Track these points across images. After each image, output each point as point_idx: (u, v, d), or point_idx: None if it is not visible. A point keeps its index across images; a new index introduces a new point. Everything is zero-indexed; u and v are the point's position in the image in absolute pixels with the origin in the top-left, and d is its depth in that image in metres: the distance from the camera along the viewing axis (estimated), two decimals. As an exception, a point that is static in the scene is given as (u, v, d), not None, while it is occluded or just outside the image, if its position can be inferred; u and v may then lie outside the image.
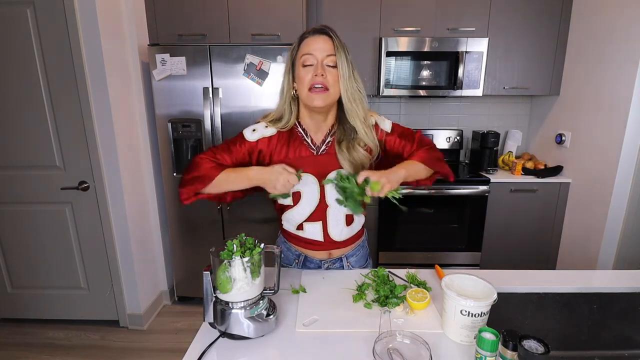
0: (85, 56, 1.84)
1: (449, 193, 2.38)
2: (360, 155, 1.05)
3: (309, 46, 0.98)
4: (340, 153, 1.05)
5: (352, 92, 1.01)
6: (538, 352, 0.66)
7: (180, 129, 2.18)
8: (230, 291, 0.83)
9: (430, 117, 2.90)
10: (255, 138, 1.06)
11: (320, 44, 0.97)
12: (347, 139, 1.06)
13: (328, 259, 1.18)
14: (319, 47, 0.97)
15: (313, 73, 0.97)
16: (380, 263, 2.51)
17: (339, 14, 2.37)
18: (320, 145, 1.08)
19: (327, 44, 0.97)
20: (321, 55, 0.97)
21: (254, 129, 1.07)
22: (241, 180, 1.01)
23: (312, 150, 1.08)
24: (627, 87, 1.98)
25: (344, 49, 0.99)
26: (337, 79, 0.99)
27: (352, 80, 1.00)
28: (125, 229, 2.10)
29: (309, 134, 1.08)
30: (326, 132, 1.09)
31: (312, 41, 0.98)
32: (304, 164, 1.05)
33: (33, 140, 1.96)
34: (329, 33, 0.99)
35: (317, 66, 0.97)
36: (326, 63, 0.98)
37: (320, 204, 1.09)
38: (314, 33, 0.99)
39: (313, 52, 0.97)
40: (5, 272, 2.19)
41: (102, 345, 2.12)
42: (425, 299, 0.96)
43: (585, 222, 2.28)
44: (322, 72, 0.97)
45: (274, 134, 1.07)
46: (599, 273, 1.23)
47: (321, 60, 0.97)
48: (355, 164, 1.05)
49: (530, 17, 2.37)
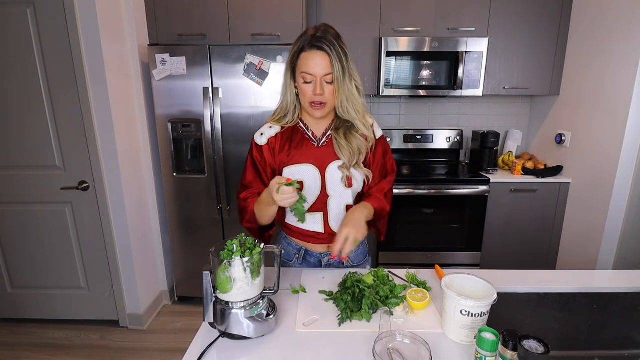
0: (85, 56, 1.84)
1: (449, 193, 2.38)
2: (358, 142, 1.11)
3: (307, 65, 1.00)
4: (339, 139, 1.10)
5: (348, 95, 1.05)
6: (538, 352, 0.66)
7: (180, 129, 2.18)
8: (230, 291, 0.83)
9: (430, 117, 2.90)
10: (265, 141, 1.13)
11: (318, 61, 0.99)
12: (345, 127, 1.12)
13: (328, 252, 1.21)
14: (317, 65, 1.00)
15: (313, 91, 1.02)
16: (380, 263, 2.51)
17: (339, 14, 2.37)
18: (321, 137, 1.14)
19: (325, 61, 1.00)
20: (320, 75, 1.01)
21: (261, 132, 1.14)
22: (264, 208, 1.07)
23: (313, 143, 1.13)
24: (627, 87, 1.98)
25: (340, 60, 1.00)
26: (333, 92, 1.04)
27: (348, 84, 1.04)
28: (125, 229, 2.10)
29: (310, 128, 1.14)
30: (327, 126, 1.15)
31: (310, 59, 1.00)
32: (305, 155, 1.11)
33: (33, 140, 1.96)
34: (325, 48, 0.99)
35: (315, 85, 1.01)
36: (325, 80, 1.02)
37: (321, 194, 1.12)
38: (311, 47, 1.00)
39: (312, 72, 1.00)
40: (5, 272, 2.19)
41: (102, 345, 2.12)
42: (425, 299, 0.96)
43: (585, 222, 2.28)
44: (320, 92, 1.02)
45: (279, 131, 1.13)
46: (599, 273, 1.23)
47: (319, 78, 1.01)
48: (352, 150, 1.10)
49: (530, 17, 2.37)
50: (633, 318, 1.08)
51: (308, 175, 1.10)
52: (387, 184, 1.20)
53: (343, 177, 1.11)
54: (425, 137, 2.81)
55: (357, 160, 1.11)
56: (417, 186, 2.37)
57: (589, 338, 1.09)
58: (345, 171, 1.10)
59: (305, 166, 1.10)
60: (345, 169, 1.10)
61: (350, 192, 1.14)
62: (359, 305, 0.94)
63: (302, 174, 1.10)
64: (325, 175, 1.11)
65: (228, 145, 2.20)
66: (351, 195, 1.15)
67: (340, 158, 1.10)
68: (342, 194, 1.13)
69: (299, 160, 1.11)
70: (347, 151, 1.10)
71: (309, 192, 1.12)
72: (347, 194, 1.14)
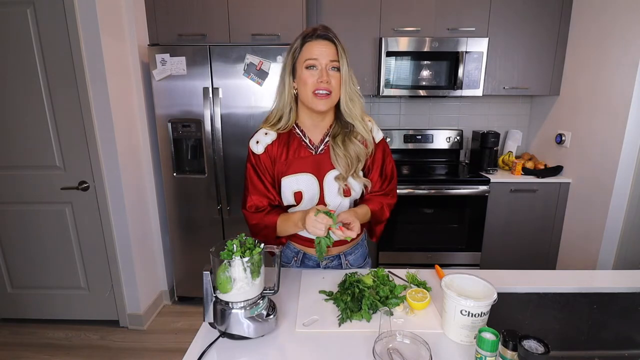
0: (85, 56, 1.84)
1: (449, 193, 2.38)
2: (357, 148, 1.07)
3: (312, 51, 0.98)
4: (336, 147, 1.06)
5: (352, 94, 1.03)
6: (538, 352, 0.66)
7: (180, 129, 2.18)
8: (230, 291, 0.83)
9: (430, 117, 2.90)
10: (262, 149, 1.08)
11: (324, 49, 0.98)
12: (343, 133, 1.08)
13: (326, 256, 1.19)
14: (323, 53, 0.98)
15: (318, 79, 0.98)
16: (380, 263, 2.51)
17: (339, 14, 2.37)
18: (319, 144, 1.10)
19: (331, 49, 0.99)
20: (325, 61, 0.98)
21: (257, 140, 1.09)
22: (291, 227, 1.06)
23: (310, 150, 1.09)
24: (627, 87, 1.98)
25: (345, 54, 1.00)
26: (340, 82, 1.01)
27: (351, 83, 1.03)
28: (125, 228, 2.10)
29: (307, 135, 1.10)
30: (324, 132, 1.11)
31: (316, 46, 0.98)
32: (303, 164, 1.07)
33: (33, 140, 1.96)
34: (333, 39, 0.99)
35: (321, 71, 0.99)
36: (330, 68, 0.99)
37: (319, 202, 1.10)
38: (317, 37, 0.99)
39: (318, 57, 0.98)
40: (5, 272, 2.19)
41: (102, 345, 2.12)
42: (425, 299, 0.96)
43: (585, 222, 2.28)
44: (327, 79, 0.98)
45: (275, 139, 1.09)
46: (599, 273, 1.23)
47: (325, 65, 0.98)
48: (350, 158, 1.06)
49: (530, 17, 2.37)
50: (633, 318, 1.08)
51: (306, 184, 1.08)
52: (392, 199, 1.18)
53: (339, 189, 1.08)
54: (425, 137, 2.81)
55: (355, 169, 1.07)
56: (417, 186, 2.37)
57: (589, 338, 1.09)
58: (341, 183, 1.07)
59: (303, 175, 1.07)
60: (341, 180, 1.07)
61: (348, 202, 1.12)
62: (358, 305, 0.94)
63: (301, 183, 1.07)
64: (323, 184, 1.08)
65: (228, 145, 2.20)
66: (348, 205, 1.13)
67: (336, 168, 1.07)
68: (340, 204, 1.10)
69: (298, 169, 1.07)
70: (344, 161, 1.06)
71: (310, 202, 1.09)
72: (345, 204, 1.11)
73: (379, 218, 1.16)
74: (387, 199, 1.16)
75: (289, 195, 1.09)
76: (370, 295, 0.96)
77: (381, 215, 1.15)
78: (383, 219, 1.17)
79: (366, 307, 0.93)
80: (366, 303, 0.94)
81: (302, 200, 1.09)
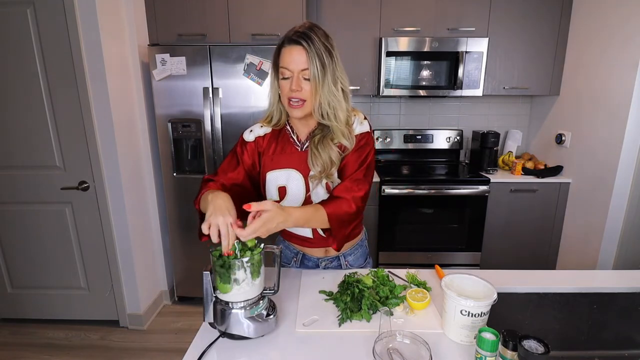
0: (85, 56, 1.84)
1: (449, 193, 2.38)
2: (332, 152, 1.02)
3: (284, 59, 0.97)
4: (313, 148, 1.04)
5: (330, 98, 0.98)
6: (538, 352, 0.66)
7: (180, 129, 2.18)
8: (230, 291, 0.83)
9: (430, 117, 2.90)
10: (252, 138, 1.11)
11: (294, 57, 0.95)
12: (321, 135, 1.05)
13: (325, 257, 1.19)
14: (294, 60, 0.95)
15: (289, 87, 0.97)
16: (380, 263, 2.51)
17: (338, 14, 2.37)
18: (305, 141, 1.09)
19: (301, 55, 0.94)
20: (296, 69, 0.96)
21: (251, 129, 1.13)
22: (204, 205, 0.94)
23: (297, 147, 1.10)
24: (627, 87, 1.98)
25: (319, 57, 0.94)
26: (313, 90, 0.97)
27: (330, 85, 0.97)
28: (125, 228, 2.10)
29: (296, 131, 1.11)
30: (312, 129, 1.09)
31: (287, 53, 0.96)
32: (288, 160, 1.08)
33: (33, 140, 1.96)
34: (302, 43, 0.94)
35: (292, 80, 0.97)
36: (302, 76, 0.96)
37: (306, 200, 1.08)
38: (289, 42, 0.96)
39: (288, 66, 0.96)
40: (5, 272, 2.19)
41: (102, 345, 2.12)
42: (425, 299, 0.96)
43: (585, 222, 2.28)
44: (297, 88, 0.96)
45: (268, 132, 1.11)
46: (599, 273, 1.23)
47: (297, 74, 0.96)
48: (323, 161, 1.02)
49: (530, 17, 2.37)
50: (633, 318, 1.08)
51: (290, 180, 1.07)
52: (361, 191, 1.04)
53: (313, 187, 1.05)
54: (425, 137, 2.81)
55: (328, 172, 1.03)
56: (417, 186, 2.37)
57: (589, 338, 1.09)
58: (315, 182, 1.05)
59: (288, 171, 1.07)
60: (315, 180, 1.04)
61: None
62: (358, 306, 0.94)
63: (286, 179, 1.07)
64: (309, 181, 1.06)
65: (228, 145, 2.20)
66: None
67: (311, 168, 1.04)
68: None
69: (282, 164, 1.07)
70: (320, 161, 1.02)
71: (294, 197, 1.08)
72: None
73: (340, 218, 1.02)
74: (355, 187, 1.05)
75: (273, 190, 1.09)
76: (370, 295, 0.96)
77: (343, 214, 1.02)
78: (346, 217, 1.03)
79: (366, 307, 0.93)
80: (366, 303, 0.94)
81: (285, 195, 1.09)
